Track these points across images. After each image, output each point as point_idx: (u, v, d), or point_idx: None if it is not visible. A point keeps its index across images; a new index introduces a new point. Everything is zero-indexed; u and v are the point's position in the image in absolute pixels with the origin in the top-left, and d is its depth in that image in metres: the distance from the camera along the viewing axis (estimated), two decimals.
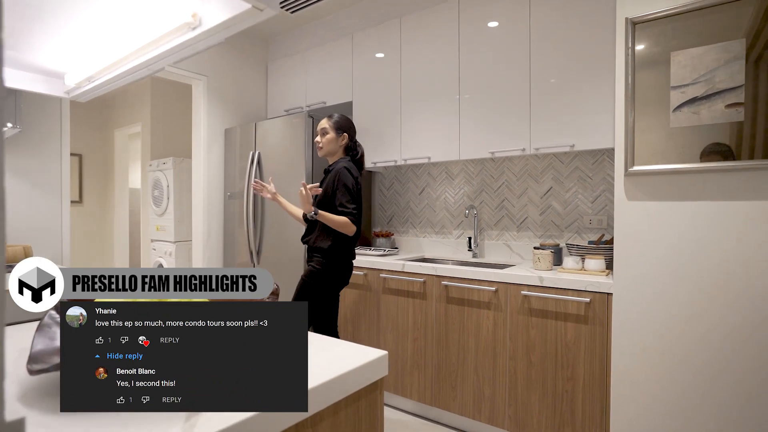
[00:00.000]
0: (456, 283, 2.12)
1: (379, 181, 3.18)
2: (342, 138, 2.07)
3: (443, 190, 2.84)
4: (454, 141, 2.44)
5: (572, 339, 1.79)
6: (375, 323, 2.47)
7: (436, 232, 2.87)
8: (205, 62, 3.08)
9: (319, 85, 3.12)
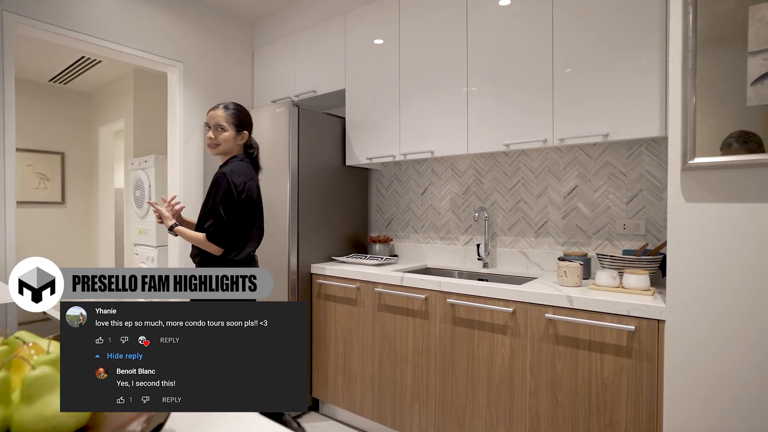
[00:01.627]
0: (464, 301, 1.76)
1: (376, 180, 2.83)
2: (242, 137, 1.76)
3: (449, 189, 2.48)
4: (461, 132, 2.09)
5: (611, 376, 1.43)
6: (369, 345, 2.12)
7: (441, 237, 2.52)
8: (181, 46, 2.75)
9: (309, 72, 2.77)
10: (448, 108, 2.13)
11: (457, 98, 2.10)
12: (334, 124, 2.56)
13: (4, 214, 2.06)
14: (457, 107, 2.09)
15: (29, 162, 4.53)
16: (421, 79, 2.23)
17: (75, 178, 4.85)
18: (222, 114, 1.72)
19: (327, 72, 2.66)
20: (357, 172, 2.72)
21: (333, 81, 2.63)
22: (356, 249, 2.71)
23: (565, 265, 1.66)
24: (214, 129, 1.73)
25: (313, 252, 2.42)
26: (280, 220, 2.32)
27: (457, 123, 2.10)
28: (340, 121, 2.59)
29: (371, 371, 2.11)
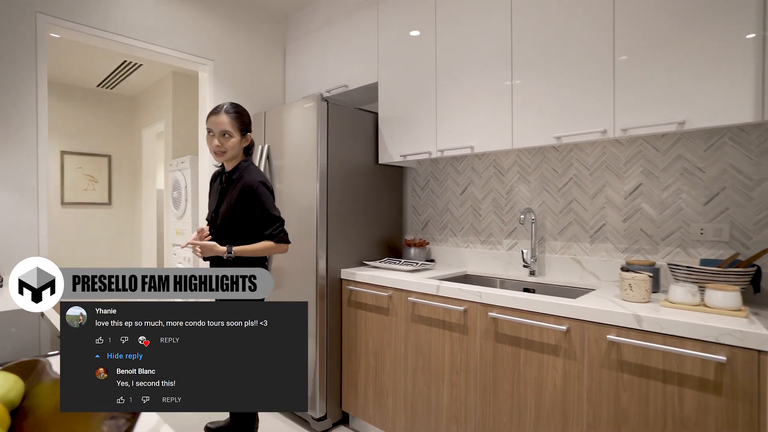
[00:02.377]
0: (509, 316, 1.55)
1: (411, 179, 2.65)
2: (246, 140, 1.77)
3: (491, 188, 2.26)
4: (504, 125, 1.87)
5: (693, 415, 1.18)
6: (402, 358, 1.94)
7: (482, 241, 2.30)
8: (211, 44, 2.69)
9: (340, 66, 2.64)
10: (490, 99, 1.91)
11: (499, 88, 1.88)
12: (366, 120, 2.41)
13: (37, 214, 2.06)
14: (500, 98, 1.88)
15: (79, 165, 4.71)
16: (459, 69, 2.03)
17: (121, 180, 5.01)
18: (226, 119, 1.69)
19: (358, 65, 2.52)
20: (391, 171, 2.56)
21: (365, 74, 2.48)
22: (390, 253, 2.55)
23: (631, 277, 1.41)
24: (220, 136, 1.69)
25: (344, 256, 2.28)
26: (308, 221, 2.20)
27: (499, 115, 1.88)
28: (373, 116, 2.44)
29: (404, 387, 1.93)
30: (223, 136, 1.69)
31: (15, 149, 2.00)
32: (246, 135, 1.76)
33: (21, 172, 2.01)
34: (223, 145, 1.70)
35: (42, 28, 2.07)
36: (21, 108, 2.02)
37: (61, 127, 4.60)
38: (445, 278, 2.03)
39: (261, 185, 1.70)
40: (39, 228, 2.06)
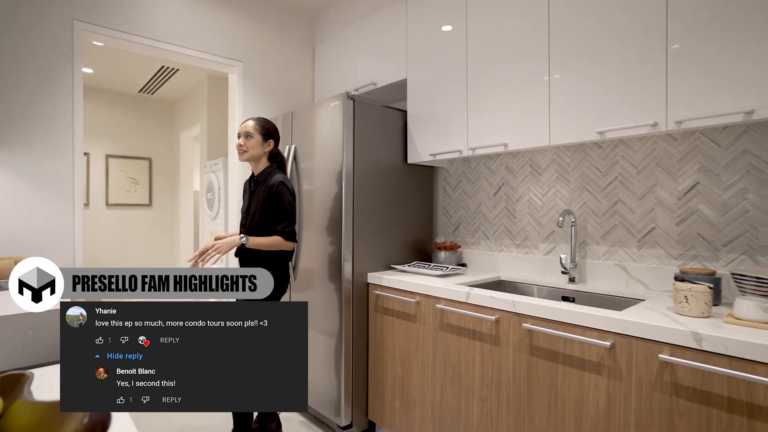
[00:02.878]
0: (545, 328, 1.42)
1: (442, 179, 2.54)
2: (268, 144, 1.95)
3: (527, 189, 2.12)
4: (541, 120, 1.73)
5: None
6: (429, 368, 1.84)
7: (517, 245, 2.16)
8: (240, 45, 2.69)
9: (369, 63, 2.57)
10: (525, 93, 1.78)
11: (535, 81, 1.74)
12: (395, 118, 2.33)
13: (73, 215, 2.11)
14: (536, 92, 1.74)
15: (123, 167, 4.91)
16: (491, 63, 1.91)
17: (160, 182, 5.18)
18: (251, 124, 1.92)
19: (387, 61, 2.44)
20: (421, 171, 2.46)
21: (393, 71, 2.40)
22: (420, 256, 2.45)
23: (687, 288, 1.25)
24: (244, 137, 1.91)
25: (371, 259, 2.20)
26: (333, 223, 2.14)
27: (535, 110, 1.75)
28: (401, 114, 2.35)
29: (432, 399, 1.83)
30: (246, 137, 1.91)
31: (52, 153, 2.06)
32: (268, 140, 1.94)
33: (57, 175, 2.07)
34: (245, 144, 1.90)
35: (78, 35, 2.13)
36: (58, 113, 2.08)
37: (107, 131, 4.81)
38: (476, 284, 1.91)
39: (281, 185, 1.86)
40: (74, 227, 2.12)
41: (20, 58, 1.98)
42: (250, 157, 1.92)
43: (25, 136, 1.99)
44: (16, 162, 1.97)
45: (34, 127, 2.01)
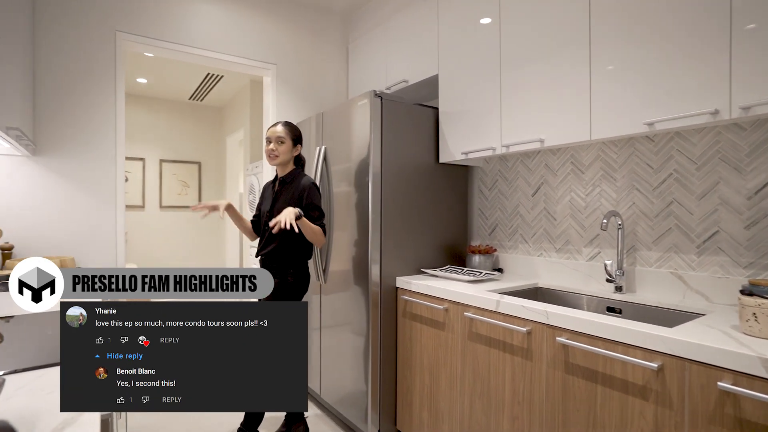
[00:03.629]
0: (582, 343, 1.27)
1: (478, 179, 2.40)
2: (296, 149, 2.01)
3: (568, 188, 1.95)
4: (580, 113, 1.57)
5: None
6: (458, 380, 1.73)
7: (557, 249, 1.99)
8: (274, 48, 2.72)
9: (400, 61, 2.49)
10: (563, 84, 1.62)
11: (574, 70, 1.58)
12: (426, 116, 2.23)
13: (115, 217, 2.21)
14: (575, 81, 1.58)
15: (174, 171, 5.17)
16: (525, 53, 1.77)
17: (209, 185, 5.41)
18: (282, 129, 1.95)
19: (418, 58, 2.35)
20: (454, 171, 2.34)
21: (425, 67, 2.30)
22: (454, 260, 2.33)
23: (756, 304, 1.06)
24: (276, 142, 1.93)
25: (400, 263, 2.12)
26: (361, 225, 2.08)
27: (574, 102, 1.59)
28: (433, 112, 2.25)
29: (460, 413, 1.72)
30: (278, 142, 1.94)
31: (96, 158, 2.17)
32: (297, 145, 1.99)
33: (101, 179, 2.18)
34: (277, 149, 1.94)
35: (120, 45, 2.23)
36: (101, 120, 2.19)
37: (161, 138, 5.09)
38: (510, 291, 1.77)
39: (313, 185, 1.94)
40: (116, 228, 2.22)
41: (66, 69, 2.10)
42: (281, 162, 1.96)
43: (72, 143, 2.11)
44: (63, 166, 2.09)
45: (80, 134, 2.13)
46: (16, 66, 1.66)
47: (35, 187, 2.03)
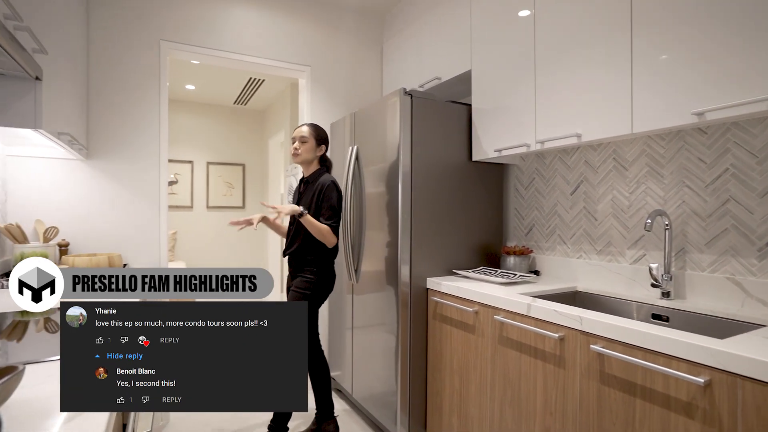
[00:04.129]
0: (618, 353, 1.17)
1: (514, 177, 2.31)
2: (320, 149, 2.07)
3: (610, 186, 1.82)
4: (620, 105, 1.46)
5: None
6: (488, 385, 1.67)
7: (598, 251, 1.87)
8: (308, 49, 2.76)
9: (433, 58, 2.45)
10: (601, 73, 1.52)
11: (613, 57, 1.48)
12: (459, 113, 2.17)
13: (159, 216, 2.33)
14: (614, 69, 1.47)
15: (220, 173, 5.40)
16: (561, 42, 1.67)
17: (252, 185, 5.60)
18: (306, 129, 2.06)
19: (451, 54, 2.29)
20: (489, 169, 2.27)
21: (457, 63, 2.25)
22: (488, 262, 2.26)
23: None
24: (299, 141, 2.04)
25: (431, 263, 2.08)
26: (391, 225, 2.06)
27: (614, 92, 1.48)
28: (465, 108, 2.19)
29: (490, 420, 1.65)
30: (301, 142, 2.04)
31: (141, 160, 2.30)
32: (321, 146, 2.07)
33: (146, 180, 2.31)
34: (300, 148, 2.04)
35: (164, 53, 2.35)
36: (146, 125, 2.31)
37: (208, 141, 5.34)
38: (544, 295, 1.68)
39: (332, 184, 1.99)
40: (160, 228, 2.33)
41: (115, 78, 2.24)
42: (303, 161, 2.06)
43: (120, 147, 2.25)
44: (112, 169, 2.23)
45: (127, 138, 2.27)
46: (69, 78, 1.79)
47: (88, 188, 2.18)
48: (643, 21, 1.39)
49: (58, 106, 1.59)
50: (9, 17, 1.05)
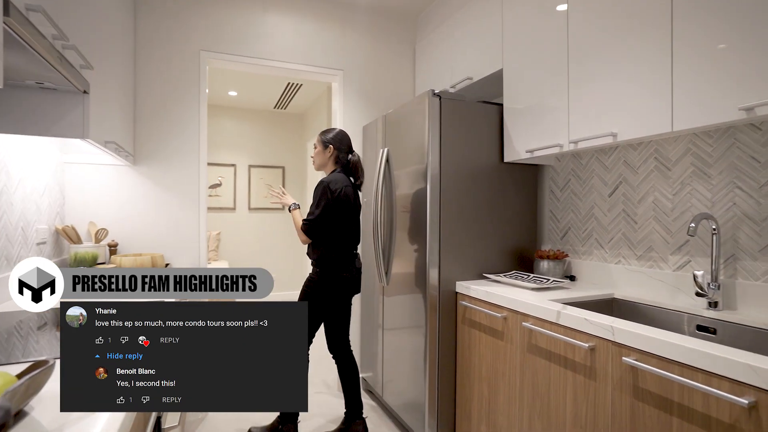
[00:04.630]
0: (654, 367, 1.10)
1: (549, 178, 2.23)
2: (328, 151, 2.16)
3: (651, 187, 1.71)
4: (659, 101, 1.37)
5: None
6: (516, 394, 1.61)
7: (638, 257, 1.76)
8: (341, 53, 2.79)
9: (465, 57, 2.41)
10: (638, 68, 1.43)
11: (652, 49, 1.38)
12: (490, 114, 2.12)
13: (198, 217, 2.45)
14: (653, 63, 1.38)
15: (261, 175, 5.59)
16: (595, 35, 1.59)
17: (292, 187, 5.75)
18: (317, 137, 2.22)
19: (482, 53, 2.25)
20: (522, 170, 2.20)
21: (489, 62, 2.20)
22: (521, 266, 2.19)
23: None
24: (314, 149, 2.21)
25: (461, 267, 2.05)
26: (420, 227, 2.05)
27: (652, 88, 1.39)
28: (497, 109, 2.14)
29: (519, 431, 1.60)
30: (315, 149, 2.22)
31: (182, 165, 2.42)
32: (328, 147, 2.16)
33: (186, 184, 2.43)
34: (313, 156, 2.23)
35: (204, 63, 2.47)
36: (187, 131, 2.43)
37: (249, 145, 5.54)
38: (578, 302, 1.61)
39: (322, 183, 2.05)
40: (199, 229, 2.45)
41: (159, 87, 2.38)
42: (318, 166, 2.21)
43: (164, 153, 2.38)
44: (156, 174, 2.37)
45: (169, 144, 2.40)
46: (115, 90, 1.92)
47: (135, 192, 2.33)
48: (685, 10, 1.30)
49: (105, 117, 1.71)
50: (57, 37, 1.14)
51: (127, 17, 2.17)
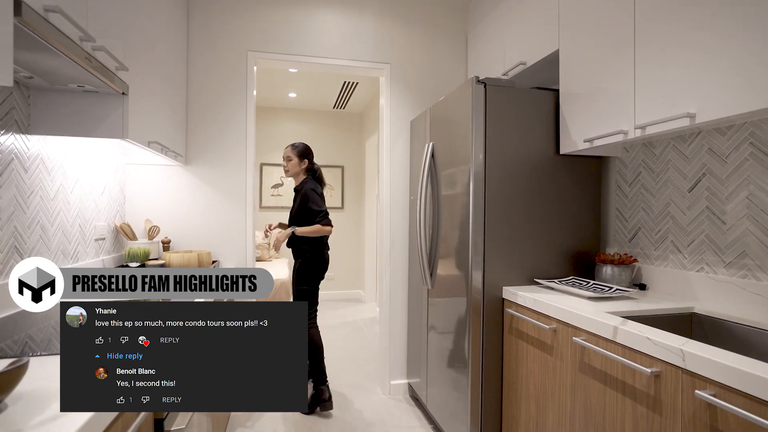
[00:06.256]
0: (739, 408, 0.87)
1: (615, 172, 1.95)
2: (303, 162, 2.51)
3: (745, 180, 1.40)
4: (750, 70, 1.09)
5: None
6: (567, 418, 1.41)
7: (727, 264, 1.46)
8: (388, 47, 2.70)
9: (518, 42, 2.19)
10: (721, 31, 1.16)
11: (736, 10, 1.11)
12: (543, 101, 1.91)
13: (245, 217, 2.50)
14: (738, 25, 1.11)
15: None
16: (667, 4, 1.33)
17: (351, 187, 5.78)
18: (287, 150, 2.52)
19: (536, 35, 2.03)
20: (582, 163, 1.95)
21: (543, 44, 1.97)
22: (580, 271, 1.94)
23: None
24: (286, 160, 2.51)
25: (508, 270, 1.86)
26: (462, 227, 1.89)
27: (740, 58, 1.12)
28: (552, 95, 1.91)
29: None
30: (287, 161, 2.50)
31: (230, 165, 2.48)
32: (303, 160, 2.51)
33: (234, 184, 2.49)
34: (287, 165, 2.51)
35: (251, 62, 2.51)
36: (236, 131, 2.49)
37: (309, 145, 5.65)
38: (644, 316, 1.36)
39: (310, 190, 2.41)
40: (247, 228, 2.49)
41: (208, 89, 2.46)
42: (291, 175, 2.52)
43: (213, 153, 2.46)
44: (205, 174, 2.45)
45: (219, 144, 2.47)
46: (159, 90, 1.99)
47: (185, 191, 2.43)
48: None
49: (147, 117, 1.77)
50: (84, 39, 1.17)
51: (179, 16, 2.26)
